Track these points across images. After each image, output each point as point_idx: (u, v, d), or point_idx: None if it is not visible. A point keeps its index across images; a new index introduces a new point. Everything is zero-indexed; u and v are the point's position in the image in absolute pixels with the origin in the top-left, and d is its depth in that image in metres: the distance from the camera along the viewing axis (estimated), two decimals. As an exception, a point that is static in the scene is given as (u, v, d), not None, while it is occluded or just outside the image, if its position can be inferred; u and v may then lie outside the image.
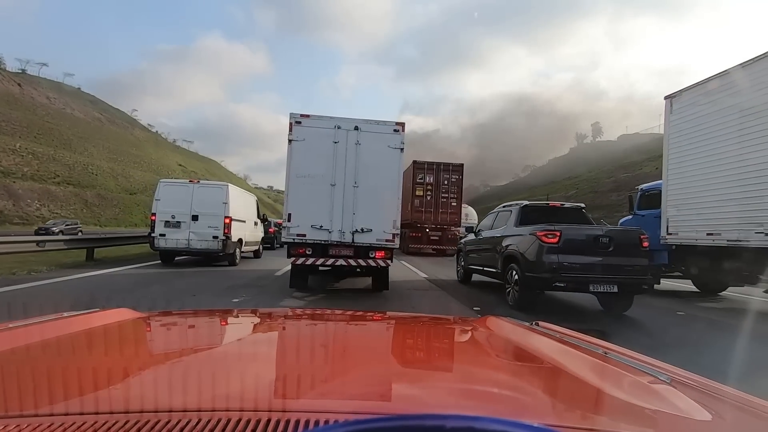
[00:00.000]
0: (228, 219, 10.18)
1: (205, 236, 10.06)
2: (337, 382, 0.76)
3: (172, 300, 5.98)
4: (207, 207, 10.13)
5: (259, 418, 0.51)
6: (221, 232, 10.07)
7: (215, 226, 10.06)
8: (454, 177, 17.16)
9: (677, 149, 7.83)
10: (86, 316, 1.07)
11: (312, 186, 6.22)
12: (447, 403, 0.68)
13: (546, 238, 5.61)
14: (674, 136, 7.94)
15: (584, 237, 5.70)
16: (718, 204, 6.83)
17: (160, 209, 10.13)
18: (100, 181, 52.82)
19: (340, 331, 1.31)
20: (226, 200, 10.27)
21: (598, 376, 0.80)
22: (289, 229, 6.20)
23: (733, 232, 6.48)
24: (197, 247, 10.11)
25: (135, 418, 0.50)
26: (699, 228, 7.16)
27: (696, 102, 7.50)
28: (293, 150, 6.23)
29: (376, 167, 6.25)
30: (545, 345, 1.02)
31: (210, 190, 10.49)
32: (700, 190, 7.22)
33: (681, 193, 7.67)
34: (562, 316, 5.72)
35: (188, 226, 10.06)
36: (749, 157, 6.31)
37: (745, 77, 6.55)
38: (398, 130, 6.34)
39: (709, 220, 7.00)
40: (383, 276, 6.72)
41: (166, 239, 10.06)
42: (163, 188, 10.40)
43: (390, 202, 6.29)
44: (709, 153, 7.06)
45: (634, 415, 0.64)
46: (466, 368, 0.96)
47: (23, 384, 0.68)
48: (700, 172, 7.26)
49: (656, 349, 3.89)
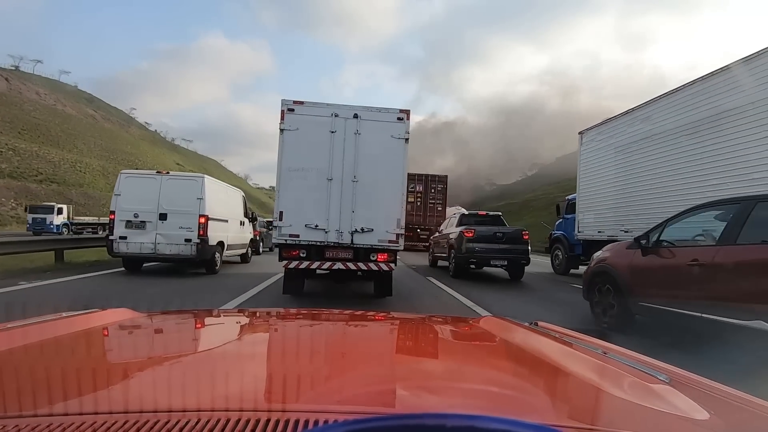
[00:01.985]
0: (204, 218, 8.44)
1: (176, 239, 8.35)
2: (336, 382, 0.75)
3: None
4: (178, 204, 8.43)
5: (258, 417, 0.50)
6: (195, 233, 8.36)
7: (188, 226, 8.35)
8: (439, 186, 21.26)
9: (584, 171, 10.95)
10: (85, 316, 1.05)
11: (306, 181, 5.63)
12: (447, 403, 0.68)
13: (467, 233, 9.50)
14: (582, 161, 11.07)
15: (489, 233, 9.61)
16: (603, 211, 9.91)
17: (121, 206, 8.34)
18: (88, 179, 51.28)
19: (338, 330, 1.30)
20: (202, 195, 8.50)
21: (597, 375, 0.78)
22: (280, 229, 5.62)
23: (611, 231, 9.36)
24: (166, 253, 8.35)
25: (134, 419, 0.50)
26: (594, 227, 10.20)
27: (593, 138, 10.61)
28: (285, 141, 5.62)
29: (378, 160, 5.66)
30: (544, 344, 1.01)
31: (182, 184, 8.71)
32: (595, 201, 10.33)
33: (585, 203, 10.75)
34: (480, 280, 9.57)
35: (155, 226, 8.32)
36: (619, 180, 9.37)
37: (618, 125, 9.62)
38: (402, 119, 5.73)
39: (599, 222, 10.03)
40: (386, 281, 6.07)
41: (128, 243, 8.24)
42: (125, 181, 8.55)
43: (393, 199, 5.69)
44: (599, 176, 10.25)
45: (633, 414, 0.64)
46: (465, 368, 0.93)
47: (22, 384, 0.67)
48: (594, 189, 10.39)
49: (543, 305, 6.94)
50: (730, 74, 6.78)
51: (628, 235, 7.81)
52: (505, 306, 6.52)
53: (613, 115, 10.10)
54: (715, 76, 7.05)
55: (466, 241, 9.36)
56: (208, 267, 9.03)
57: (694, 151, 7.34)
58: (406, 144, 5.71)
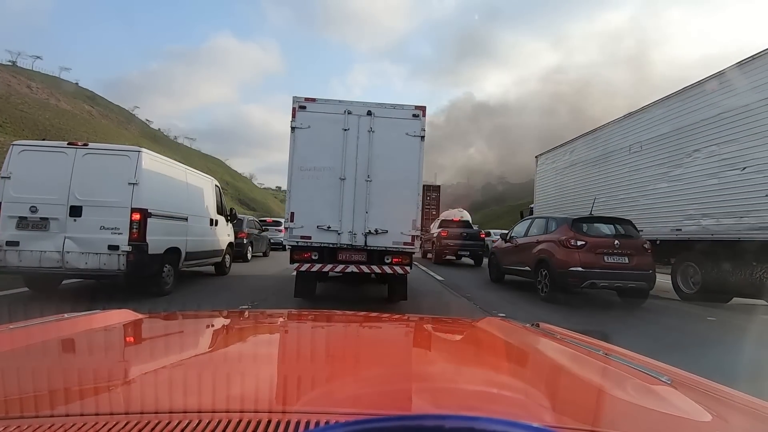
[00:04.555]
0: (139, 213, 5.66)
1: (96, 245, 5.49)
2: (336, 383, 0.76)
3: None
4: (100, 192, 5.61)
5: (259, 419, 0.51)
6: (126, 237, 5.56)
7: (114, 226, 5.56)
8: (434, 195, 23.45)
9: (539, 186, 14.46)
10: (87, 317, 1.08)
11: (318, 180, 5.48)
12: (447, 404, 0.69)
13: (443, 233, 14.21)
14: (537, 178, 14.66)
15: (458, 232, 14.29)
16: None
17: (10, 195, 5.47)
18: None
19: (339, 331, 1.32)
20: (136, 179, 5.67)
21: (598, 376, 0.82)
22: (292, 230, 5.49)
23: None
24: (79, 266, 5.47)
25: (135, 420, 0.51)
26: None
27: (544, 162, 14.21)
28: (296, 139, 5.49)
29: (393, 158, 5.53)
30: (545, 346, 1.06)
31: (106, 162, 5.78)
32: (543, 210, 12.91)
33: (538, 211, 13.12)
34: (452, 266, 13.19)
35: (63, 226, 5.49)
36: (556, 195, 12.97)
37: (557, 153, 13.33)
38: (418, 115, 5.57)
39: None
40: (401, 284, 5.83)
41: (20, 252, 5.38)
42: (18, 157, 5.59)
43: (409, 199, 5.53)
44: (546, 191, 13.88)
45: (635, 416, 0.65)
46: (466, 369, 0.95)
47: (24, 385, 0.69)
48: (544, 200, 13.78)
49: (474, 273, 11.76)
50: (615, 125, 10.25)
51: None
52: (451, 274, 10.71)
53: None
54: (607, 126, 10.63)
55: (442, 239, 14.12)
56: (155, 286, 6.13)
57: (597, 176, 10.93)
58: (422, 141, 5.54)
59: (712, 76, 7.51)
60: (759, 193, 6.44)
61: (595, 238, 6.77)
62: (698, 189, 7.58)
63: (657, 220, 8.53)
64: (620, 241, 6.68)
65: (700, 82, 7.76)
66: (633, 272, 6.50)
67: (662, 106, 8.68)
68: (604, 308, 6.78)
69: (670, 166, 8.31)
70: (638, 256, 6.60)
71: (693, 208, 7.68)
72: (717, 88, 7.33)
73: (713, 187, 7.26)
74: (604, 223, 7.24)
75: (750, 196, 6.57)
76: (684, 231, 7.87)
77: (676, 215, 8.06)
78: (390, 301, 5.90)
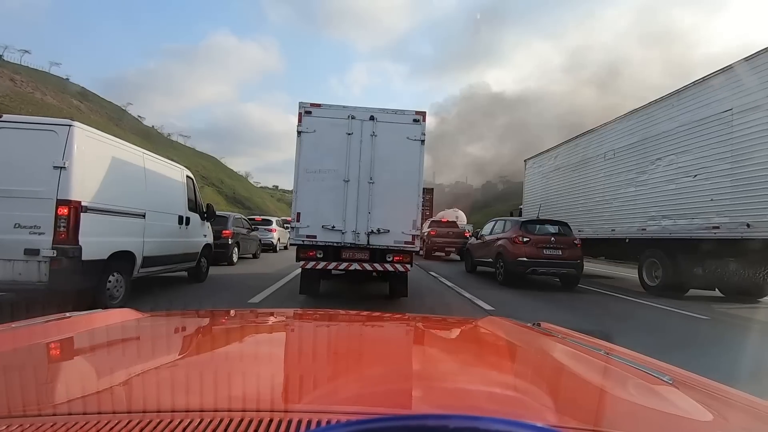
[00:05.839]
0: (67, 207, 4.23)
1: (6, 249, 4.11)
2: (338, 382, 0.76)
3: None
4: (13, 177, 4.25)
5: (261, 418, 0.51)
6: (49, 238, 4.16)
7: (32, 225, 4.17)
8: (427, 197, 24.54)
9: (527, 187, 15.44)
10: (89, 316, 1.08)
11: (323, 182, 5.73)
12: (449, 403, 0.68)
13: (432, 231, 15.98)
14: (526, 182, 15.72)
15: (444, 231, 16.24)
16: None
17: None
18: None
19: (341, 331, 1.32)
20: (65, 161, 4.26)
21: (600, 376, 0.83)
22: (298, 229, 5.74)
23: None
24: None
25: (137, 419, 0.50)
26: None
27: (532, 166, 15.25)
28: (303, 142, 5.72)
29: (394, 161, 5.78)
30: (547, 345, 1.07)
31: (24, 138, 4.36)
32: (530, 211, 13.93)
33: (526, 212, 14.50)
34: (440, 261, 14.86)
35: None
36: (547, 201, 13.43)
37: (542, 158, 14.37)
38: (418, 120, 5.82)
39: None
40: (402, 282, 6.10)
41: None
42: None
43: (409, 200, 5.75)
44: (533, 193, 14.78)
45: (636, 415, 0.65)
46: (468, 368, 0.95)
47: (26, 384, 0.69)
48: (531, 201, 14.57)
49: (457, 266, 13.62)
50: (593, 134, 11.22)
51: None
52: (438, 267, 12.10)
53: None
54: (586, 134, 11.60)
55: (432, 237, 15.80)
56: (100, 297, 4.71)
57: (577, 180, 11.88)
58: (422, 145, 5.77)
59: (672, 93, 8.47)
60: (705, 198, 7.42)
61: (537, 235, 8.65)
62: (659, 193, 8.56)
63: (627, 221, 9.52)
64: (556, 238, 8.59)
65: (663, 98, 8.70)
66: (565, 261, 8.40)
67: (633, 118, 9.62)
68: (543, 289, 8.38)
69: (637, 172, 9.27)
70: (569, 250, 8.50)
71: (655, 210, 8.65)
72: (675, 104, 8.29)
73: (671, 191, 8.24)
74: (547, 225, 9.14)
75: (699, 199, 7.54)
76: (648, 230, 8.84)
77: (641, 216, 9.03)
78: (391, 298, 6.18)
